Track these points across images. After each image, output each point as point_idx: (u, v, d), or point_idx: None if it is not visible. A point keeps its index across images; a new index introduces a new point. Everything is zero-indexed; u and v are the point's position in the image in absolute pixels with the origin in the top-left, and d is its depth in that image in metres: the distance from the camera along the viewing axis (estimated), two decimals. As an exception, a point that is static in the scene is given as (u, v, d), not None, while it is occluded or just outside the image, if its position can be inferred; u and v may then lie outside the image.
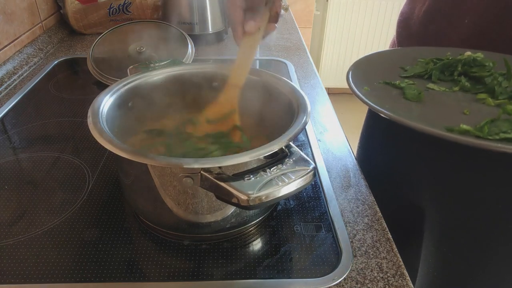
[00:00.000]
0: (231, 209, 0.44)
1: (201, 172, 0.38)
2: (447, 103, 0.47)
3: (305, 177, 0.38)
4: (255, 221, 0.48)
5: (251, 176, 0.37)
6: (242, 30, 0.50)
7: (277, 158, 0.40)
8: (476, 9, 0.50)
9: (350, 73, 0.51)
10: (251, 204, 0.35)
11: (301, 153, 0.41)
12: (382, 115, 0.43)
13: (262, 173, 0.37)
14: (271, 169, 0.38)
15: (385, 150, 0.68)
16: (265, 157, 0.39)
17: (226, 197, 0.37)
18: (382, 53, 0.58)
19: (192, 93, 0.58)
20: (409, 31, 0.61)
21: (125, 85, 0.53)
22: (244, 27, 0.50)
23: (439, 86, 0.50)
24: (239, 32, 0.50)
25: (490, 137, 0.37)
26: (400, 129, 0.62)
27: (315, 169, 0.43)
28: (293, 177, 0.37)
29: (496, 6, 0.48)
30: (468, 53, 0.51)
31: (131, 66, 0.61)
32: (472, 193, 0.54)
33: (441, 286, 0.62)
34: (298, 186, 0.37)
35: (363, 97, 0.45)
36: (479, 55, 0.50)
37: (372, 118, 0.73)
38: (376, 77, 0.52)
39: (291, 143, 0.41)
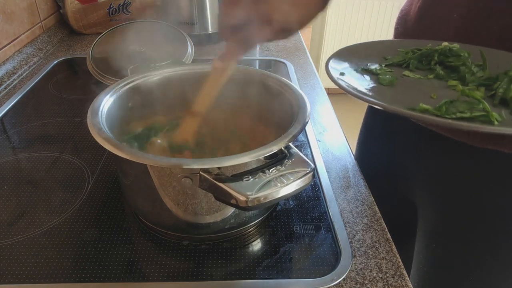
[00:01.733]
0: (231, 210, 0.44)
1: (200, 172, 0.38)
2: (418, 88, 0.48)
3: (304, 178, 0.38)
4: (255, 222, 0.48)
5: (250, 177, 0.37)
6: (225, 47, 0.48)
7: (276, 159, 0.40)
8: (463, 3, 0.50)
9: (331, 60, 0.52)
10: (250, 205, 0.35)
11: (300, 154, 0.41)
12: (349, 95, 0.44)
13: (261, 174, 0.37)
14: (270, 170, 0.38)
15: (382, 147, 0.69)
16: (264, 158, 0.39)
17: (224, 198, 0.37)
18: (364, 44, 0.58)
19: (192, 93, 0.57)
20: (405, 27, 0.61)
21: (125, 85, 0.53)
22: (212, 62, 0.48)
23: (415, 74, 0.51)
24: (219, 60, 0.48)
25: (447, 116, 0.38)
26: (398, 127, 0.62)
27: (314, 170, 0.43)
28: (292, 178, 0.37)
29: (480, 0, 0.49)
30: (445, 43, 0.52)
31: (132, 66, 0.61)
32: (466, 191, 0.55)
33: (432, 282, 0.63)
34: (297, 187, 0.37)
35: (335, 79, 0.46)
36: (455, 45, 0.51)
37: (371, 116, 0.73)
38: (355, 65, 0.52)
39: (290, 144, 0.41)
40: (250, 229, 0.49)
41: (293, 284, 0.42)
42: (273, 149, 0.40)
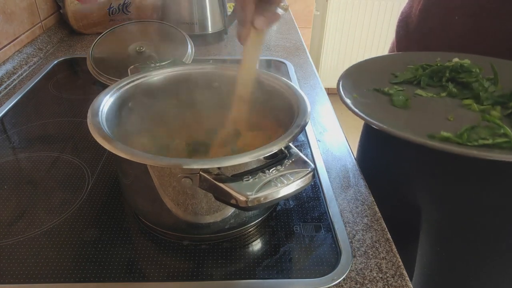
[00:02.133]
0: (231, 210, 0.44)
1: (200, 172, 0.38)
2: (433, 109, 0.48)
3: (303, 178, 0.38)
4: (255, 222, 0.48)
5: (250, 177, 0.37)
6: (250, 26, 0.46)
7: (276, 159, 0.40)
8: (463, 6, 0.50)
9: (341, 82, 0.52)
10: (250, 205, 0.35)
11: (300, 154, 0.41)
12: (368, 123, 0.44)
13: (261, 174, 0.37)
14: (270, 170, 0.38)
15: (383, 148, 0.69)
16: (264, 158, 0.39)
17: (224, 198, 0.37)
18: (373, 60, 0.58)
19: (193, 93, 0.58)
20: (406, 30, 0.61)
21: (125, 85, 0.53)
22: (253, 23, 0.45)
23: (427, 92, 0.51)
24: (247, 28, 0.46)
25: (469, 143, 0.38)
26: None
27: (314, 170, 0.43)
28: (292, 179, 0.37)
29: (477, 3, 0.49)
30: (456, 59, 0.52)
31: (132, 66, 0.61)
32: (470, 195, 0.54)
33: (436, 285, 0.62)
34: (297, 188, 0.37)
35: (350, 105, 0.46)
36: (467, 61, 0.51)
37: None
38: (366, 84, 0.52)
39: (290, 144, 0.41)
40: (250, 229, 0.49)
41: (293, 284, 0.42)
42: (273, 149, 0.39)
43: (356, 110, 0.45)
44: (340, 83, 0.51)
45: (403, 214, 0.65)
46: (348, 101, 0.47)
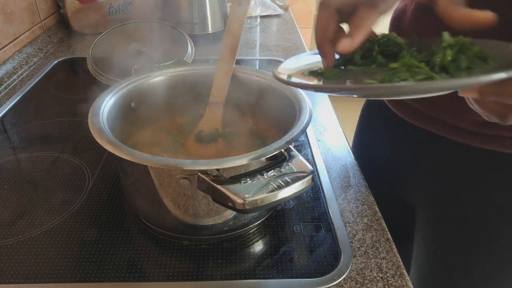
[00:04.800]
0: (230, 212, 0.44)
1: (199, 174, 0.38)
2: (362, 78, 0.48)
3: (302, 181, 0.37)
4: (255, 224, 0.48)
5: (248, 179, 0.37)
6: (330, 47, 0.39)
7: (275, 162, 0.39)
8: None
9: (280, 65, 0.51)
10: (247, 207, 0.35)
11: (300, 157, 0.40)
12: (302, 87, 0.43)
13: (259, 176, 0.37)
14: (269, 173, 0.37)
15: (378, 148, 0.68)
16: (264, 160, 0.39)
17: (222, 200, 0.36)
18: (309, 53, 0.59)
19: (195, 93, 0.57)
20: (401, 28, 0.61)
21: (127, 85, 0.53)
22: (336, 45, 0.38)
23: (358, 66, 0.51)
24: (326, 49, 0.40)
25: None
26: (395, 128, 0.62)
27: (314, 173, 0.42)
28: (291, 182, 0.37)
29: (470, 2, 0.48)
30: (383, 33, 0.52)
31: (135, 66, 0.61)
32: (464, 192, 0.54)
33: (433, 283, 0.63)
34: (295, 191, 0.37)
35: (283, 78, 0.45)
36: (393, 33, 0.52)
37: (366, 117, 0.72)
38: (302, 70, 0.52)
39: (290, 146, 0.41)
40: (250, 230, 0.48)
41: (293, 284, 0.42)
42: (273, 151, 0.39)
43: (291, 80, 0.43)
44: (279, 66, 0.51)
45: (400, 216, 0.65)
46: (283, 76, 0.46)
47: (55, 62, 0.96)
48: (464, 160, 0.53)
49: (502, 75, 0.29)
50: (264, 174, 0.37)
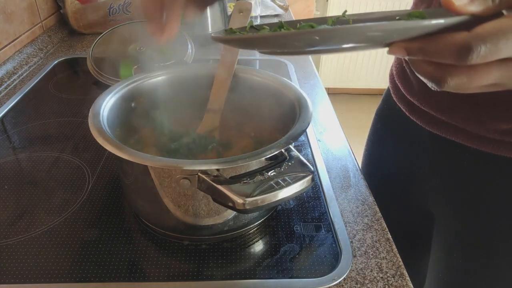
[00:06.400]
0: (231, 212, 0.44)
1: (199, 174, 0.38)
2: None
3: (302, 181, 0.37)
4: (255, 224, 0.48)
5: (249, 179, 0.37)
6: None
7: (276, 162, 0.39)
8: None
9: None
10: (247, 207, 0.35)
11: (301, 157, 0.40)
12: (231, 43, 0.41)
13: (259, 176, 0.37)
14: (269, 173, 0.38)
15: (393, 156, 0.67)
16: (264, 160, 0.39)
17: (222, 200, 0.36)
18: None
19: (195, 93, 0.57)
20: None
21: (127, 85, 0.53)
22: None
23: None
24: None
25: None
26: (413, 135, 0.60)
27: (314, 174, 0.42)
28: (291, 182, 0.37)
29: None
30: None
31: (136, 66, 0.61)
32: (487, 198, 0.53)
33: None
34: (296, 191, 0.37)
35: (221, 36, 0.43)
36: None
37: (381, 123, 0.71)
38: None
39: (291, 146, 0.41)
40: (250, 230, 0.48)
41: (293, 284, 0.42)
42: (273, 151, 0.39)
43: (235, 36, 0.41)
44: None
45: (415, 224, 0.63)
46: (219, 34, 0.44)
47: (55, 62, 0.96)
48: (487, 168, 0.52)
49: (420, 23, 0.26)
50: (264, 174, 0.37)
